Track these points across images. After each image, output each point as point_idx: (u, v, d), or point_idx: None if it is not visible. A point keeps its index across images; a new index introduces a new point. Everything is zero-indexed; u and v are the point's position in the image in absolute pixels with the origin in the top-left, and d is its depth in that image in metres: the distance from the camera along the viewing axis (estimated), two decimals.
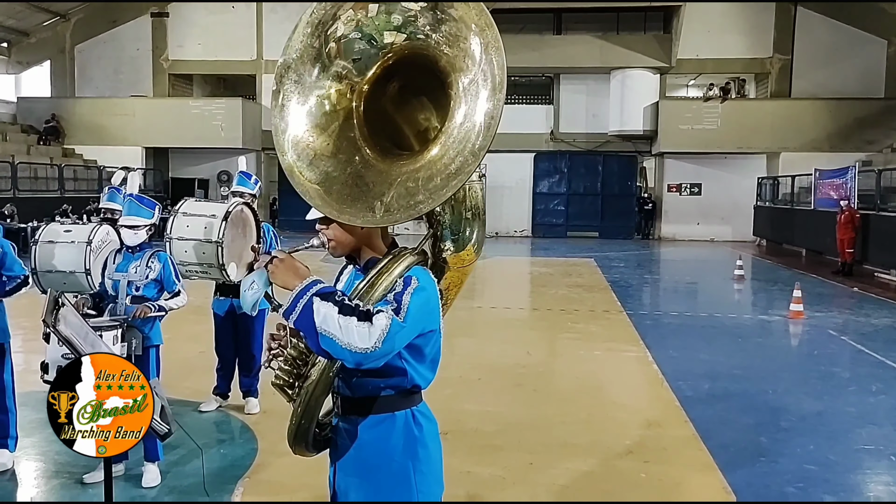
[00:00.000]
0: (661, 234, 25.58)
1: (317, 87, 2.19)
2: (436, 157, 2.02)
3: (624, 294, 12.72)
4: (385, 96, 2.24)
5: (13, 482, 4.65)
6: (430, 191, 1.99)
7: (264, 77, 26.07)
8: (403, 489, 2.26)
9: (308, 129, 2.18)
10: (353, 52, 2.18)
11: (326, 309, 2.00)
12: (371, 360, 2.02)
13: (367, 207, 2.07)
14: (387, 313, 2.04)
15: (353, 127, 2.19)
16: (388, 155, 2.18)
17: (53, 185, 21.08)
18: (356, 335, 1.98)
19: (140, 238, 4.67)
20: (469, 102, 1.98)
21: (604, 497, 4.49)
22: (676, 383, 6.91)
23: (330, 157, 2.17)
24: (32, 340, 5.63)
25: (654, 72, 24.68)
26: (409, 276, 2.16)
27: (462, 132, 1.98)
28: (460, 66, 2.00)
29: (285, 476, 4.73)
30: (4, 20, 24.77)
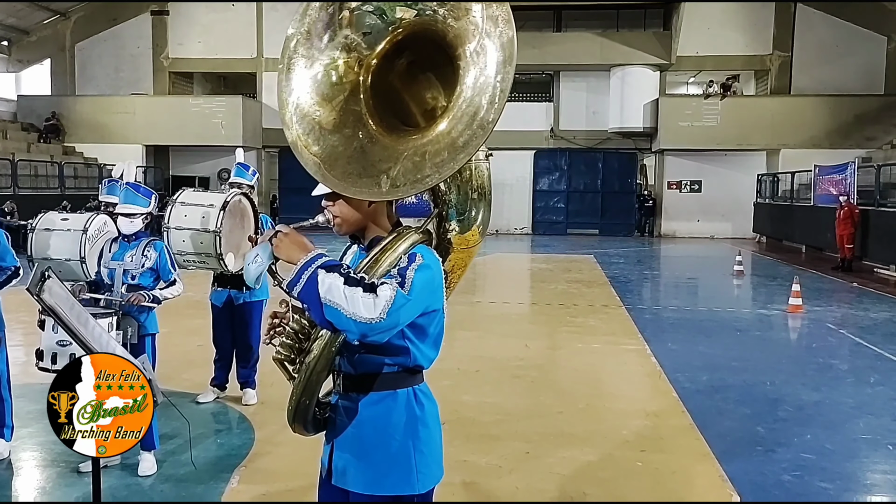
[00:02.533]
0: (661, 231, 25.56)
1: (325, 55, 2.18)
2: (443, 132, 2.01)
3: (623, 289, 12.71)
4: (393, 72, 2.23)
5: (9, 471, 4.65)
6: (437, 165, 1.98)
7: (264, 75, 26.07)
8: (403, 469, 2.23)
9: (314, 101, 2.18)
10: (364, 25, 2.17)
11: (332, 280, 2.00)
12: (376, 331, 2.01)
13: (373, 182, 2.06)
14: (391, 285, 2.03)
15: (359, 101, 2.18)
16: (394, 130, 2.17)
17: (54, 183, 21.09)
18: (361, 305, 1.97)
19: (136, 226, 4.66)
20: (477, 75, 1.97)
21: (600, 485, 4.49)
22: (675, 375, 6.91)
23: (335, 130, 2.16)
24: (32, 334, 5.62)
25: (654, 69, 24.66)
26: (413, 253, 2.15)
27: (471, 106, 1.97)
28: (468, 38, 2.00)
29: (281, 465, 4.73)
30: (5, 18, 24.79)
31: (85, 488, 4.29)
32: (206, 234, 5.34)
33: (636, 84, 24.56)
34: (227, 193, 5.67)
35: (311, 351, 2.19)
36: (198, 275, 6.37)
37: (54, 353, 3.94)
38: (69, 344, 3.92)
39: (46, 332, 3.98)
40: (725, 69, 25.10)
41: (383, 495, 2.22)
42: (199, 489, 4.34)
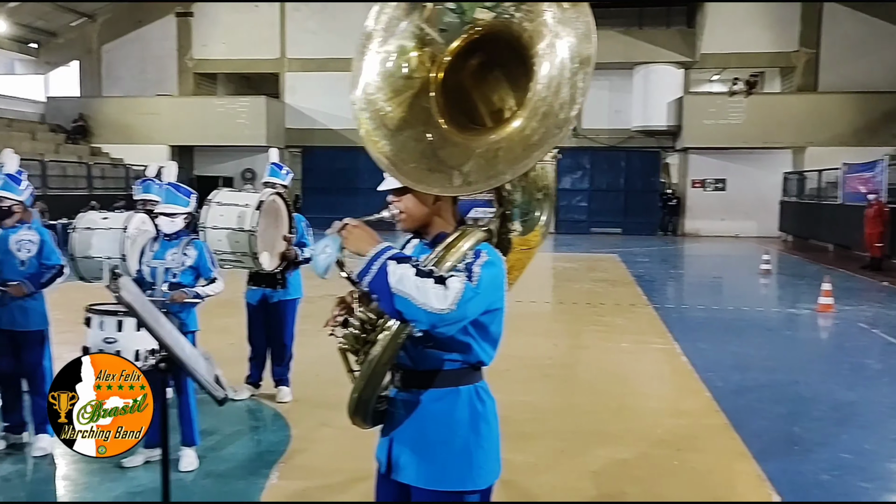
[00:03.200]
0: (684, 230, 25.40)
1: (398, 41, 2.21)
2: (517, 129, 2.04)
3: (649, 288, 12.66)
4: (464, 71, 2.25)
5: (53, 466, 4.73)
6: (510, 161, 2.01)
7: (287, 75, 26.24)
8: (464, 464, 2.26)
9: (384, 96, 2.21)
10: (443, 21, 2.20)
11: (403, 271, 2.04)
12: (445, 322, 2.04)
13: (445, 177, 2.10)
14: (460, 278, 2.06)
15: (429, 97, 2.21)
16: (464, 128, 2.20)
17: (82, 184, 21.37)
18: (432, 295, 2.01)
19: (177, 226, 4.73)
20: (553, 74, 1.99)
21: (638, 483, 4.49)
22: (706, 374, 6.88)
23: (405, 127, 2.19)
24: (65, 332, 5.72)
25: (678, 67, 24.50)
26: (478, 250, 2.17)
27: (546, 104, 1.99)
28: (542, 38, 2.02)
29: (319, 461, 4.78)
30: (33, 21, 25.13)
31: (128, 483, 4.36)
32: (242, 234, 5.41)
33: (660, 82, 24.40)
34: (261, 193, 5.73)
35: (375, 343, 2.21)
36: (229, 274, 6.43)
37: (100, 350, 4.01)
38: (115, 341, 4.00)
39: (93, 329, 4.05)
40: (750, 66, 24.88)
41: (445, 490, 2.24)
42: (240, 485, 4.39)
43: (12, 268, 4.78)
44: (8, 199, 4.79)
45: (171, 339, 2.18)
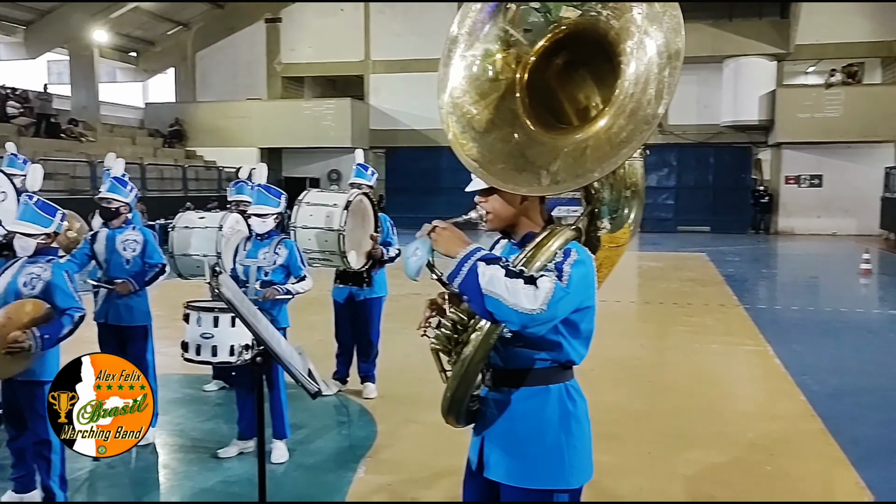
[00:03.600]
0: (778, 228, 24.46)
1: (482, 51, 2.22)
2: (604, 127, 2.03)
3: (740, 288, 12.26)
4: (549, 70, 2.25)
5: (154, 455, 4.97)
6: (599, 159, 1.99)
7: (371, 77, 26.67)
8: (555, 463, 2.25)
9: (469, 97, 2.23)
10: (527, 22, 2.21)
11: (493, 272, 2.05)
12: (536, 323, 2.04)
13: (532, 177, 2.10)
14: (550, 278, 2.07)
15: (514, 99, 2.22)
16: (550, 128, 2.20)
17: (178, 185, 22.30)
18: (523, 296, 2.02)
19: (268, 226, 4.89)
20: (640, 72, 1.98)
21: (728, 487, 4.37)
22: (801, 378, 6.62)
23: (493, 129, 2.20)
24: (164, 328, 5.99)
25: (771, 59, 23.63)
26: (568, 249, 2.17)
27: (633, 101, 1.98)
28: (629, 35, 2.00)
29: (405, 456, 4.85)
30: (133, 31, 26.37)
31: (224, 473, 4.54)
32: (331, 233, 5.54)
33: (751, 75, 23.59)
34: (348, 193, 5.86)
35: (467, 343, 2.23)
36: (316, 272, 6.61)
37: (198, 345, 4.19)
38: (211, 336, 4.17)
39: (191, 325, 4.23)
40: (849, 57, 23.75)
41: (536, 489, 2.25)
42: (329, 477, 4.51)
43: (118, 266, 5.05)
44: (116, 201, 5.07)
45: (267, 334, 2.26)
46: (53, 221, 3.93)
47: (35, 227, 3.87)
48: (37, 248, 3.88)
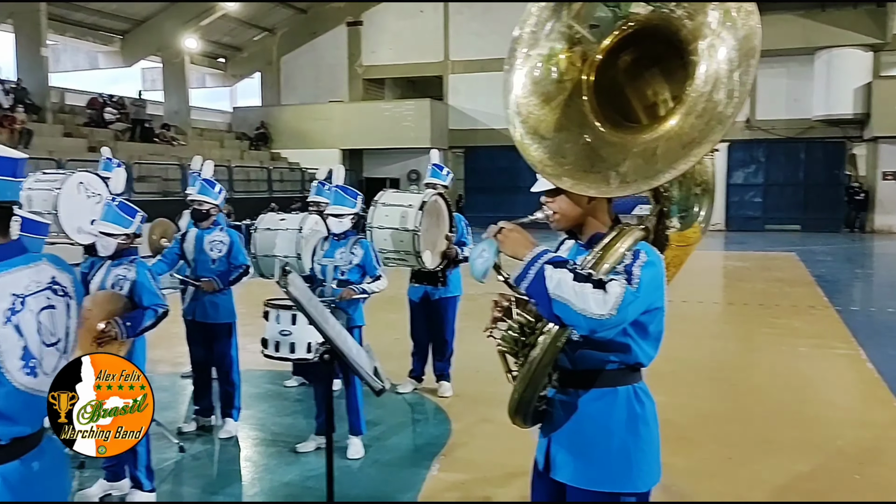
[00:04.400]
0: (874, 226, 23.30)
1: (548, 50, 2.19)
2: (675, 127, 1.98)
3: (831, 289, 11.75)
4: (616, 67, 2.20)
5: (236, 448, 5.15)
6: (670, 160, 1.95)
7: (451, 77, 26.80)
8: (623, 466, 2.23)
9: (535, 100, 2.19)
10: (593, 17, 2.17)
11: (560, 275, 2.03)
12: (605, 327, 2.02)
13: (601, 178, 2.06)
14: (620, 282, 2.03)
15: (582, 99, 2.17)
16: (619, 127, 2.15)
17: (263, 187, 22.95)
18: (592, 301, 1.99)
19: (345, 226, 4.99)
20: (712, 70, 1.92)
21: (814, 496, 4.21)
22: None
23: (560, 129, 2.16)
24: (248, 325, 6.19)
25: (866, 49, 22.52)
26: (637, 250, 2.14)
27: (704, 100, 1.92)
28: (704, 33, 1.94)
29: (478, 455, 4.87)
30: (221, 38, 27.30)
31: (302, 467, 4.67)
32: (406, 233, 5.61)
33: (844, 67, 22.54)
34: (424, 194, 5.92)
35: (535, 346, 2.22)
36: (393, 272, 6.71)
37: (277, 342, 4.32)
38: (289, 333, 4.29)
39: (270, 322, 4.36)
40: None
41: (603, 491, 2.23)
42: (404, 474, 4.57)
43: (205, 266, 5.27)
44: (206, 203, 5.28)
45: (334, 332, 2.31)
46: (133, 223, 4.14)
47: (116, 228, 4.08)
48: (118, 249, 4.10)
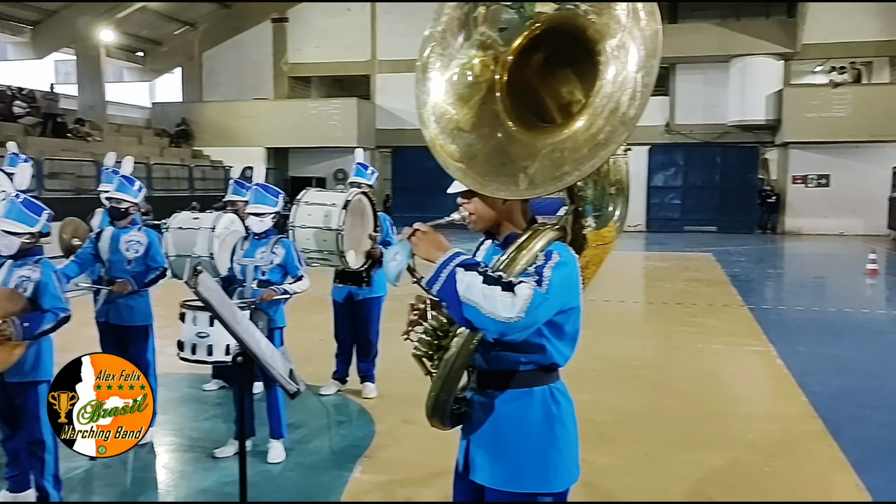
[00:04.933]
0: (785, 228, 24.32)
1: (461, 56, 2.19)
2: (582, 128, 1.99)
3: (745, 289, 12.20)
4: (529, 68, 2.21)
5: (151, 454, 4.98)
6: (577, 162, 1.96)
7: (378, 77, 26.66)
8: (539, 467, 2.24)
9: (451, 101, 2.19)
10: (501, 20, 2.17)
11: (470, 278, 2.02)
12: (514, 330, 2.02)
13: (510, 180, 2.06)
14: (529, 284, 2.03)
15: (495, 99, 2.18)
16: (531, 127, 2.16)
17: (184, 185, 22.35)
18: (500, 304, 1.98)
19: (265, 225, 4.89)
20: (619, 70, 1.94)
21: (726, 489, 4.34)
22: (803, 378, 6.58)
23: (472, 129, 2.17)
24: (166, 327, 6.00)
25: (778, 58, 23.47)
26: (550, 251, 2.15)
27: (612, 101, 1.94)
28: (609, 33, 1.96)
29: (402, 456, 4.84)
30: (139, 31, 26.43)
31: (220, 473, 4.54)
32: (329, 233, 5.53)
33: (757, 75, 23.43)
34: (348, 192, 5.85)
35: (449, 348, 2.21)
36: (317, 272, 6.62)
37: (194, 345, 4.19)
38: (207, 336, 4.17)
39: (187, 324, 4.23)
40: (856, 56, 23.62)
41: (519, 492, 2.23)
42: (325, 477, 4.50)
43: (120, 266, 5.06)
44: (125, 201, 5.07)
45: (246, 334, 2.24)
46: (39, 221, 3.90)
47: (19, 226, 3.83)
48: (22, 248, 3.86)
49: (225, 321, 2.16)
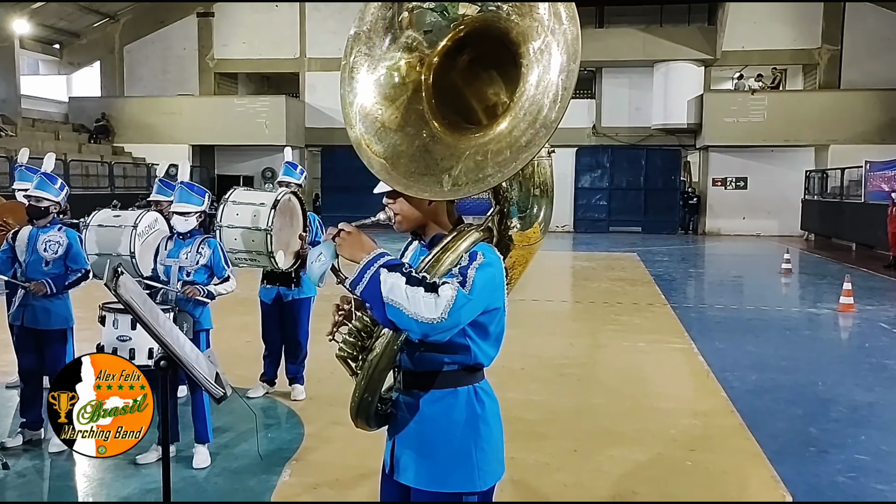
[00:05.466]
0: (705, 228, 25.18)
1: (387, 57, 2.18)
2: (505, 130, 2.00)
3: (668, 288, 12.57)
4: (455, 69, 2.22)
5: (69, 462, 4.79)
6: (499, 164, 1.97)
7: (307, 75, 26.34)
8: (464, 466, 2.24)
9: (376, 101, 2.18)
10: (425, 23, 2.17)
11: (394, 279, 2.01)
12: (437, 331, 2.02)
13: (434, 181, 2.07)
14: (452, 285, 2.03)
15: (421, 100, 2.18)
16: (456, 129, 2.16)
17: (104, 183, 21.61)
18: (423, 305, 1.98)
19: (190, 224, 4.77)
20: (541, 74, 1.96)
21: (650, 484, 4.46)
22: (723, 374, 6.82)
23: (397, 129, 2.16)
24: (86, 330, 5.79)
25: (699, 64, 24.28)
26: (474, 252, 2.15)
27: (534, 105, 1.96)
28: (532, 36, 1.97)
29: (331, 458, 4.79)
30: (56, 22, 25.42)
31: (142, 480, 4.41)
32: (258, 233, 5.44)
33: (680, 80, 24.17)
34: (277, 192, 5.76)
35: (373, 349, 2.21)
36: (245, 272, 6.50)
37: (115, 348, 4.05)
38: (129, 339, 4.04)
39: (107, 327, 4.10)
40: (772, 63, 24.64)
41: (444, 492, 2.24)
42: (252, 482, 4.42)
43: (37, 267, 4.86)
44: (45, 200, 4.87)
45: (169, 337, 2.19)
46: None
47: None
48: None
49: (147, 324, 2.10)
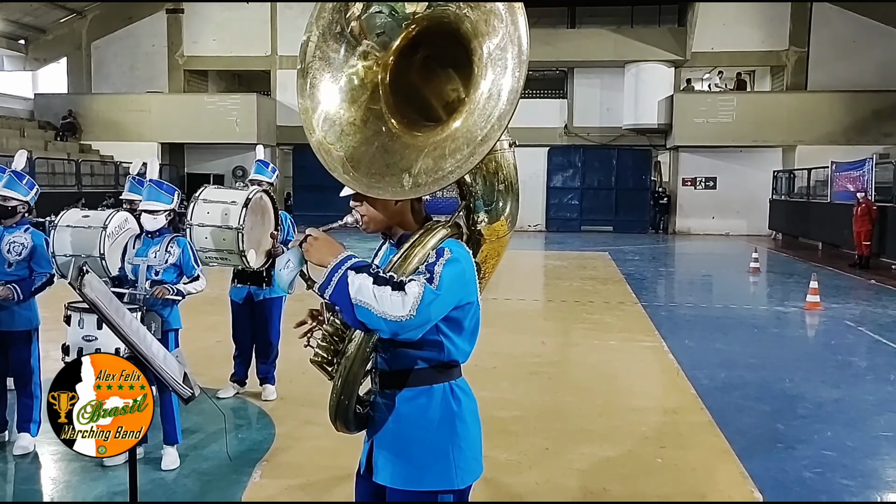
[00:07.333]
0: (675, 228, 25.46)
1: (345, 66, 2.18)
2: (461, 127, 2.00)
3: (639, 286, 12.68)
4: (411, 67, 2.21)
5: (35, 465, 4.71)
6: (458, 160, 1.97)
7: (279, 73, 26.15)
8: (441, 464, 2.24)
9: (335, 106, 2.18)
10: (376, 27, 2.16)
11: (361, 280, 2.01)
12: (407, 329, 2.02)
13: (395, 181, 2.06)
14: (419, 282, 2.04)
15: (379, 99, 2.18)
16: (414, 126, 2.16)
17: (70, 181, 21.25)
18: (390, 304, 1.98)
19: (159, 223, 4.71)
20: (494, 69, 1.96)
21: (621, 481, 4.49)
22: (692, 372, 6.90)
23: (357, 131, 2.16)
24: (50, 330, 5.69)
25: (669, 65, 24.53)
26: (441, 248, 2.15)
27: (489, 100, 1.96)
28: (483, 30, 1.98)
29: (303, 459, 4.76)
30: (21, 17, 24.98)
31: (109, 482, 4.34)
32: (229, 231, 5.37)
33: (651, 80, 24.41)
34: (248, 190, 5.70)
35: (346, 351, 2.20)
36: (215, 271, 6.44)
37: (80, 348, 3.98)
38: (95, 339, 3.98)
39: (73, 327, 4.03)
40: (741, 65, 24.99)
41: (421, 490, 2.23)
42: (223, 483, 4.38)
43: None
44: (13, 199, 4.76)
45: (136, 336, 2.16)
46: None
47: None
48: None
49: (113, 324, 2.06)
